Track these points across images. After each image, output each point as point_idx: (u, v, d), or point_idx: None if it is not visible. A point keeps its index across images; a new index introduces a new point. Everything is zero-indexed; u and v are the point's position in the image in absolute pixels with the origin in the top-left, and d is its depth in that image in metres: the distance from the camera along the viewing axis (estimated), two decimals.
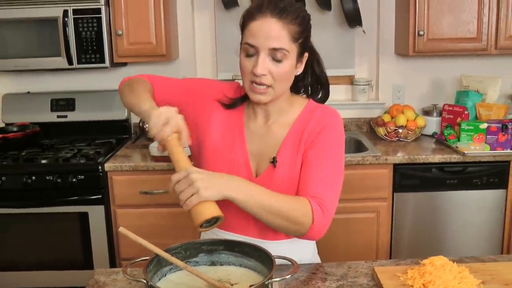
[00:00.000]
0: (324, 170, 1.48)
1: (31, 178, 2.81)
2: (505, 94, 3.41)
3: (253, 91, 1.47)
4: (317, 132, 1.52)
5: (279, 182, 1.52)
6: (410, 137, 3.19)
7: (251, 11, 1.45)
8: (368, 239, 2.94)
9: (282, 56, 1.42)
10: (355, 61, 3.53)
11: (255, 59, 1.43)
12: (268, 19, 1.40)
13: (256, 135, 1.58)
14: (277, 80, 1.45)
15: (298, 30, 1.44)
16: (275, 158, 1.53)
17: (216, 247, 1.40)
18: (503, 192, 2.93)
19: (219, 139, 1.58)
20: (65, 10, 2.98)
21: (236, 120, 1.60)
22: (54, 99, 3.39)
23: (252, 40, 1.42)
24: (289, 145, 1.55)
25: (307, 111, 1.58)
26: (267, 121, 1.58)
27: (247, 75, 1.46)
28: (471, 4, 3.05)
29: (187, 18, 3.41)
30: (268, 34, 1.40)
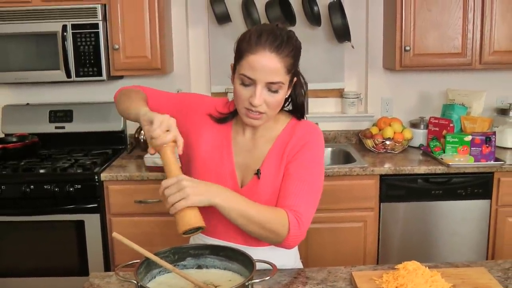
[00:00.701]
0: (303, 184, 1.57)
1: (30, 187, 2.90)
2: (490, 108, 3.52)
3: (248, 117, 1.55)
4: (299, 147, 1.62)
5: (263, 193, 1.62)
6: (397, 149, 3.28)
7: (250, 42, 1.50)
8: (355, 248, 3.03)
9: (277, 88, 1.50)
10: (345, 75, 3.63)
11: (252, 89, 1.50)
12: (267, 54, 1.46)
13: (243, 149, 1.67)
14: (271, 108, 1.54)
15: (292, 62, 1.52)
16: (259, 170, 1.63)
17: (203, 251, 1.50)
18: (487, 203, 3.02)
19: (208, 151, 1.67)
20: (64, 25, 3.08)
21: (225, 134, 1.68)
22: (53, 110, 3.49)
23: (250, 73, 1.48)
24: (272, 158, 1.64)
25: (290, 127, 1.68)
26: (254, 136, 1.67)
27: (242, 102, 1.53)
28: (456, 20, 3.16)
29: (182, 33, 3.52)
30: (266, 69, 1.47)
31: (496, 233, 3.04)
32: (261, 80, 1.48)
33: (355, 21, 3.50)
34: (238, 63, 1.53)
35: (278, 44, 1.47)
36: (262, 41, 1.47)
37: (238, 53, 1.53)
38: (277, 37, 1.48)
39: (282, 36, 1.50)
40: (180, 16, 3.51)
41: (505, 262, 1.75)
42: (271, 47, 1.47)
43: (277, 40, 1.48)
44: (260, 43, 1.47)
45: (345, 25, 3.32)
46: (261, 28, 1.53)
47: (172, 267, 1.39)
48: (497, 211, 3.02)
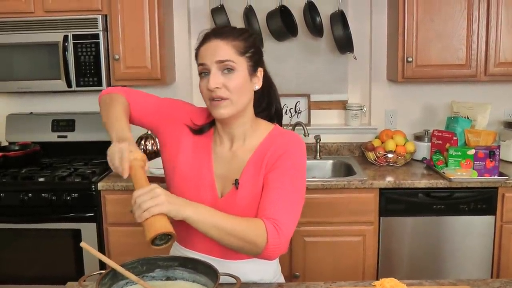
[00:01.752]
0: (282, 193, 1.52)
1: (28, 195, 2.92)
2: (496, 121, 3.44)
3: (213, 106, 1.55)
4: (277, 156, 1.57)
5: (241, 203, 1.58)
6: (399, 162, 3.22)
7: (199, 40, 1.58)
8: (354, 262, 2.97)
9: (231, 67, 1.52)
10: (348, 86, 3.59)
11: (208, 77, 1.52)
12: (211, 41, 1.53)
13: (222, 159, 1.65)
14: (232, 92, 1.52)
15: (243, 45, 1.55)
16: (237, 180, 1.59)
17: (172, 263, 1.47)
18: (491, 218, 2.93)
19: (187, 162, 1.65)
20: (65, 35, 3.11)
21: (204, 145, 1.67)
22: (55, 119, 3.52)
23: (201, 59, 1.54)
24: (251, 168, 1.60)
25: (271, 136, 1.64)
26: (232, 146, 1.65)
27: (205, 94, 1.55)
28: (460, 31, 3.11)
29: (184, 43, 3.52)
30: (213, 51, 1.52)
31: (501, 250, 2.95)
32: (211, 62, 1.51)
33: (358, 32, 3.47)
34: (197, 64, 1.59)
35: (222, 32, 1.55)
36: (206, 34, 1.57)
37: (196, 57, 1.60)
38: (223, 29, 1.58)
39: (229, 27, 1.62)
40: (182, 27, 3.51)
41: (495, 281, 1.68)
42: (215, 35, 1.54)
43: (222, 30, 1.58)
44: (205, 36, 1.57)
45: (347, 36, 3.29)
46: (210, 29, 1.62)
47: (136, 279, 1.37)
48: (502, 227, 2.93)
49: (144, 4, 3.12)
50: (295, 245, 2.93)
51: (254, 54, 1.58)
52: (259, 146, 1.63)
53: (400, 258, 2.99)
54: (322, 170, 3.43)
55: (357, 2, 3.50)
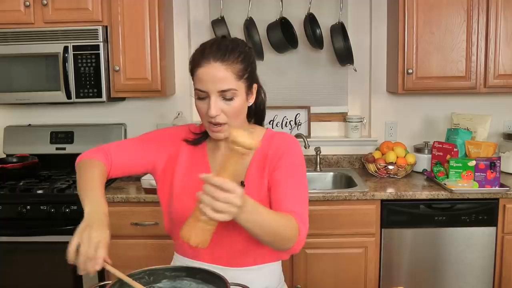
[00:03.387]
0: (294, 187, 1.56)
1: (26, 207, 2.89)
2: (496, 132, 3.45)
3: (211, 130, 1.56)
4: (278, 156, 1.60)
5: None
6: (400, 174, 3.21)
7: (196, 58, 1.53)
8: (356, 274, 2.95)
9: (231, 95, 1.50)
10: (348, 99, 3.60)
11: (208, 101, 1.50)
12: (211, 64, 1.48)
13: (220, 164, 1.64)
14: (230, 117, 1.53)
15: (241, 68, 1.51)
16: (242, 182, 1.60)
17: (179, 273, 1.45)
18: (492, 230, 2.92)
19: (185, 174, 1.66)
20: (66, 46, 3.10)
21: (200, 154, 1.68)
22: (54, 131, 3.50)
23: (201, 86, 1.49)
24: (254, 170, 1.62)
25: (267, 138, 1.66)
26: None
27: (204, 116, 1.55)
28: (459, 43, 3.12)
29: (184, 55, 3.51)
30: (214, 79, 1.47)
31: (502, 262, 2.94)
32: (212, 91, 1.48)
33: (358, 45, 3.48)
34: (192, 81, 1.55)
35: (221, 53, 1.49)
36: (205, 54, 1.49)
37: (190, 72, 1.56)
38: (220, 47, 1.51)
39: (226, 45, 1.52)
40: (183, 39, 3.51)
41: None
42: (215, 57, 1.48)
43: (220, 49, 1.50)
44: (204, 56, 1.49)
45: (347, 48, 3.30)
46: (205, 43, 1.56)
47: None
48: (503, 238, 2.92)
49: (144, 15, 3.12)
50: (296, 257, 2.90)
51: (250, 73, 1.56)
52: (257, 149, 1.63)
53: (402, 270, 2.97)
54: (323, 182, 3.42)
55: (356, 14, 3.52)
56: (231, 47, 1.52)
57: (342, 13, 3.36)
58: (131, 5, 3.12)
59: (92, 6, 3.12)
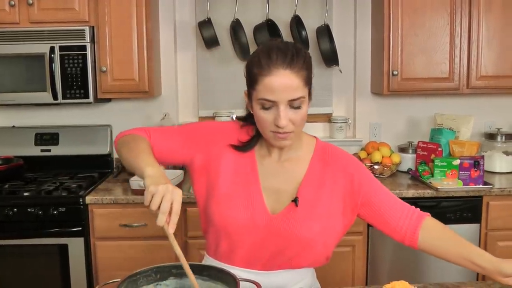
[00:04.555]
0: (391, 196, 1.72)
1: (13, 210, 2.84)
2: (478, 133, 3.53)
3: (277, 139, 1.49)
4: (357, 184, 1.61)
5: (300, 221, 1.55)
6: (385, 173, 3.27)
7: (261, 64, 1.43)
8: (344, 272, 2.98)
9: (299, 103, 1.44)
10: (333, 100, 3.64)
11: (274, 111, 1.44)
12: (281, 73, 1.40)
13: (270, 172, 1.59)
14: (298, 126, 1.48)
15: (307, 74, 1.47)
16: (297, 198, 1.55)
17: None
18: (476, 226, 3.00)
19: (230, 180, 1.58)
20: (52, 47, 3.07)
21: (248, 160, 1.60)
22: (39, 133, 3.45)
23: (270, 96, 1.42)
24: (310, 184, 1.58)
25: (320, 150, 1.63)
26: (280, 158, 1.60)
27: (268, 127, 1.47)
28: (443, 45, 3.19)
29: (170, 57, 3.52)
30: (285, 88, 1.41)
31: None
32: (282, 100, 1.41)
33: (343, 46, 3.52)
34: (253, 88, 1.46)
35: (289, 59, 1.41)
36: (273, 61, 1.41)
37: (251, 78, 1.47)
38: (286, 53, 1.43)
39: (290, 50, 1.44)
40: (169, 40, 3.51)
41: (495, 283, 1.72)
42: (283, 64, 1.41)
43: (287, 55, 1.42)
44: (272, 63, 1.41)
45: (333, 49, 3.34)
46: (268, 47, 1.47)
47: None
48: (486, 235, 3.00)
49: (132, 16, 3.11)
50: None
51: (311, 79, 1.51)
52: (312, 159, 1.61)
53: (389, 267, 3.02)
54: None
55: (341, 16, 3.57)
56: (296, 53, 1.45)
57: (327, 15, 3.40)
58: (118, 5, 3.10)
59: (78, 6, 3.09)
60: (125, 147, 1.58)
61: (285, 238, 1.54)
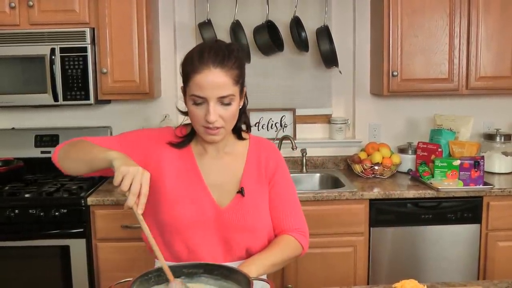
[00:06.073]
0: (291, 203, 1.74)
1: (14, 211, 2.83)
2: (477, 133, 3.55)
3: (207, 134, 1.56)
4: (273, 169, 1.72)
5: (247, 211, 1.64)
6: (386, 174, 3.28)
7: (193, 62, 1.51)
8: (345, 273, 2.99)
9: (229, 100, 1.52)
10: (332, 101, 3.65)
11: (205, 107, 1.51)
12: (211, 71, 1.48)
13: (211, 168, 1.67)
14: (227, 121, 1.55)
15: (238, 73, 1.54)
16: (243, 188, 1.64)
17: (197, 270, 1.45)
18: (477, 227, 3.01)
19: (174, 179, 1.64)
20: (52, 48, 3.06)
21: (187, 158, 1.66)
22: (38, 135, 3.44)
23: (200, 92, 1.49)
24: (250, 176, 1.68)
25: (254, 143, 1.74)
26: (218, 154, 1.68)
27: (199, 122, 1.54)
28: (442, 46, 3.21)
29: (170, 58, 3.52)
30: (214, 85, 1.48)
31: (486, 258, 3.03)
32: (211, 97, 1.49)
33: (342, 47, 3.53)
34: (186, 85, 1.54)
35: (220, 58, 1.49)
36: (204, 59, 1.49)
37: (185, 75, 1.54)
38: (218, 52, 1.51)
39: (223, 50, 1.52)
40: (168, 41, 3.51)
41: (502, 282, 1.73)
42: (214, 63, 1.48)
43: (219, 55, 1.50)
44: (203, 61, 1.49)
45: (332, 50, 3.35)
46: (201, 47, 1.56)
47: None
48: (487, 235, 3.01)
49: (132, 17, 3.11)
50: None
51: (243, 78, 1.59)
52: (248, 152, 1.71)
53: (390, 268, 3.03)
54: (310, 183, 3.46)
55: (340, 18, 3.58)
56: (228, 52, 1.53)
57: (327, 16, 3.41)
58: (119, 7, 3.10)
59: (79, 8, 3.09)
60: (71, 151, 1.60)
61: (236, 228, 1.63)
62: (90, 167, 1.54)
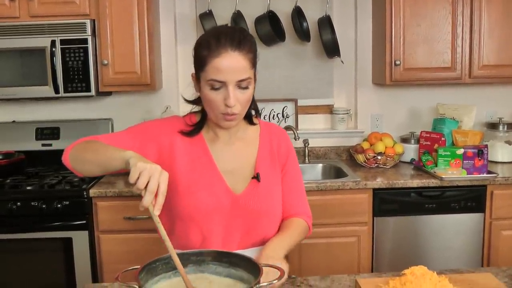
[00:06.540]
0: (302, 188, 1.80)
1: (16, 204, 2.82)
2: (479, 122, 3.54)
3: (225, 120, 1.55)
4: (285, 155, 1.76)
5: (262, 196, 1.64)
6: (389, 164, 3.27)
7: (210, 47, 1.49)
8: (349, 263, 2.98)
9: (247, 84, 1.51)
10: (334, 91, 3.64)
11: (223, 91, 1.50)
12: (230, 54, 1.47)
13: (224, 155, 1.66)
14: (243, 106, 1.55)
15: (253, 56, 1.54)
16: (258, 174, 1.65)
17: (205, 257, 1.44)
18: (480, 216, 3.01)
19: (187, 167, 1.62)
20: (53, 40, 3.04)
21: (199, 145, 1.65)
22: (39, 128, 3.42)
23: (219, 76, 1.47)
24: (263, 161, 1.69)
25: (265, 128, 1.75)
26: (230, 139, 1.67)
27: (217, 108, 1.52)
28: (445, 35, 3.19)
29: (170, 50, 3.50)
30: (234, 69, 1.47)
31: (490, 247, 3.02)
32: (231, 80, 1.48)
33: (343, 37, 3.52)
34: (202, 70, 1.51)
35: (237, 42, 1.49)
36: (222, 43, 1.48)
37: (200, 60, 1.52)
38: (234, 36, 1.50)
39: (238, 34, 1.52)
40: (169, 32, 3.49)
41: (510, 268, 1.72)
42: (232, 46, 1.48)
43: (235, 38, 1.49)
44: (221, 45, 1.48)
45: (334, 40, 3.33)
46: (216, 31, 1.55)
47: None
48: (491, 224, 3.00)
49: (133, 8, 3.09)
50: None
51: (256, 62, 1.58)
52: (260, 138, 1.72)
53: (394, 257, 3.02)
54: (312, 174, 3.45)
55: (342, 8, 3.56)
56: (243, 36, 1.52)
57: (328, 6, 3.39)
58: None
59: (79, 0, 3.07)
60: (84, 151, 1.53)
61: (252, 214, 1.63)
62: (105, 168, 1.46)
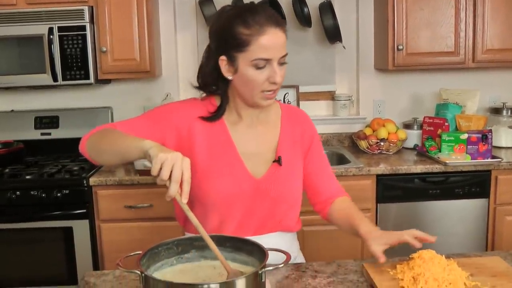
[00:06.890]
0: (331, 171, 1.79)
1: (16, 193, 2.80)
2: (482, 107, 3.50)
3: (265, 98, 1.53)
4: (309, 140, 1.72)
5: (283, 180, 1.62)
6: (392, 150, 3.24)
7: (250, 26, 1.45)
8: (352, 250, 2.96)
9: (284, 59, 1.51)
10: (336, 77, 3.60)
11: (267, 70, 1.47)
12: (275, 31, 1.46)
13: (245, 137, 1.62)
14: (279, 84, 1.52)
15: (286, 32, 1.53)
16: (280, 157, 1.62)
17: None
18: (485, 201, 2.98)
19: (207, 151, 1.59)
20: (51, 28, 3.00)
21: (219, 128, 1.61)
22: (38, 116, 3.39)
23: (265, 54, 1.46)
24: (285, 145, 1.65)
25: (286, 111, 1.71)
26: (252, 122, 1.64)
27: (260, 86, 1.49)
28: (448, 19, 3.15)
29: (170, 37, 3.46)
30: (279, 45, 1.47)
31: (494, 232, 3.00)
32: (276, 57, 1.47)
33: (345, 23, 3.47)
34: (242, 51, 1.46)
35: (275, 18, 1.49)
36: (263, 20, 1.46)
37: (239, 41, 1.46)
38: (270, 12, 1.50)
39: (269, 9, 1.52)
40: (168, 20, 3.45)
41: None
42: (274, 23, 1.47)
43: (272, 15, 1.49)
44: (264, 23, 1.45)
45: (336, 25, 3.29)
46: (248, 10, 1.49)
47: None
48: (495, 209, 2.98)
49: None
50: None
51: None
52: (282, 121, 1.68)
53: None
54: None
55: None
56: (276, 12, 1.53)
57: None
58: None
59: None
60: (102, 141, 1.49)
61: (273, 199, 1.61)
62: (122, 157, 1.44)
